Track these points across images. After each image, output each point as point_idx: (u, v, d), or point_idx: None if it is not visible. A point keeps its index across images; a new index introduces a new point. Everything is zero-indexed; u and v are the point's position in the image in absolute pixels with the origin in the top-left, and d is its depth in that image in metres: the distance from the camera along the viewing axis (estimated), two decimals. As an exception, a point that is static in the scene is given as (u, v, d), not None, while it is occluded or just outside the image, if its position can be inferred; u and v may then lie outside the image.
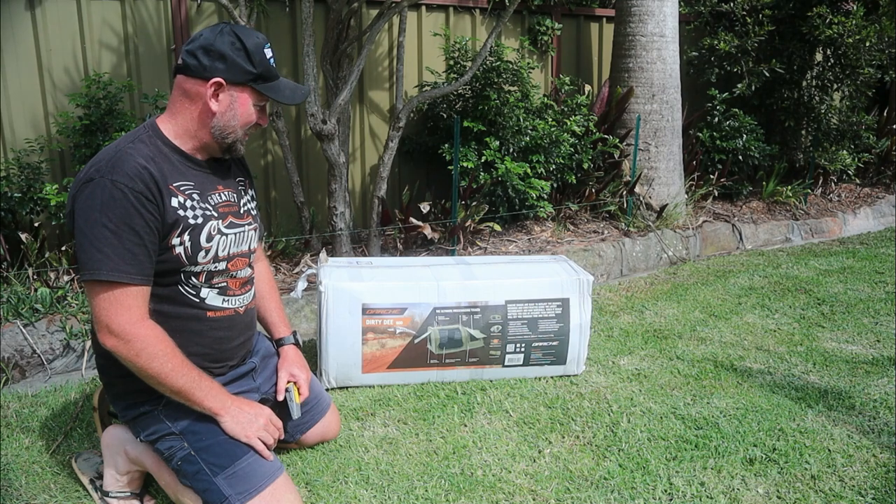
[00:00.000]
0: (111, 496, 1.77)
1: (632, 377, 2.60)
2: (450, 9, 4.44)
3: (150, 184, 1.51)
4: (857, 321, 3.21)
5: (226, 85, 1.58)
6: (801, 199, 5.31)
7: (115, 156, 1.52)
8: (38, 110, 3.36)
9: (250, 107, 1.63)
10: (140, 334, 1.49)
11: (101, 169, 1.49)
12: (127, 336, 1.48)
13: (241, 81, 1.59)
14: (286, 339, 1.97)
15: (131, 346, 1.49)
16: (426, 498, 1.83)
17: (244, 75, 1.59)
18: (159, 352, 1.51)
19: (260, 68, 1.60)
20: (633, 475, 1.93)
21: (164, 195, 1.54)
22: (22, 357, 2.57)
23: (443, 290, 2.44)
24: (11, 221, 3.06)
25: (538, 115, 4.20)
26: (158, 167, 1.55)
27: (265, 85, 1.63)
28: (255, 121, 1.67)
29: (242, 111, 1.62)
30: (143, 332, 1.50)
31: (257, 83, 1.61)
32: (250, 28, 1.67)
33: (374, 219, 3.73)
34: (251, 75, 1.59)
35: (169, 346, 1.53)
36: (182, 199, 1.58)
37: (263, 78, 1.62)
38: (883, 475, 1.94)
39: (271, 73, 1.63)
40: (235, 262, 1.71)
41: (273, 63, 1.65)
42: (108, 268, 1.46)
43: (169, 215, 1.54)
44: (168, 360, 1.52)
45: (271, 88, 1.63)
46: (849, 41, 4.99)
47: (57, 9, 3.34)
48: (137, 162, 1.51)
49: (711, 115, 5.07)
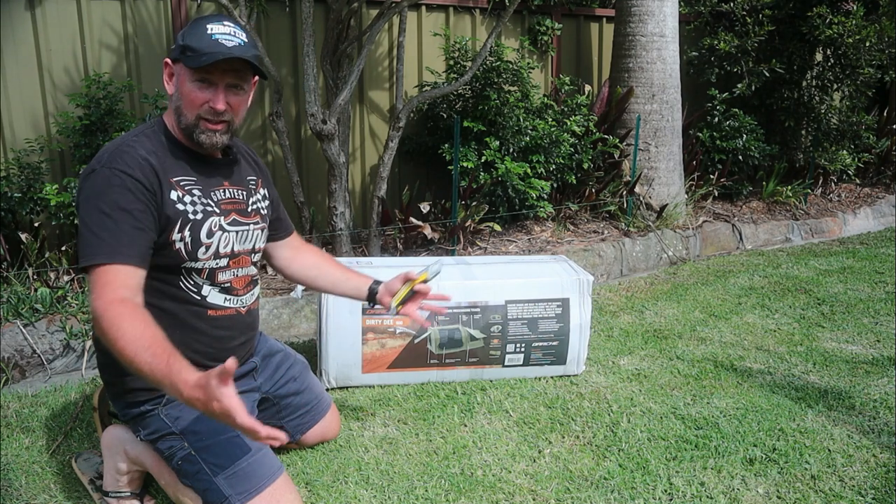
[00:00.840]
0: (111, 496, 1.77)
1: (632, 377, 2.60)
2: (450, 9, 4.44)
3: (149, 174, 1.51)
4: (857, 321, 3.21)
5: (171, 64, 1.58)
6: (801, 199, 5.32)
7: (118, 148, 1.53)
8: (38, 110, 3.37)
9: (187, 83, 1.53)
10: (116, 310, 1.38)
11: (103, 160, 1.51)
12: (104, 311, 1.39)
13: (175, 56, 1.55)
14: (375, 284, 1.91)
15: (103, 320, 1.38)
16: (426, 498, 1.83)
17: (176, 50, 1.54)
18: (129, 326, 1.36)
19: (188, 39, 1.51)
20: (633, 475, 1.93)
21: (164, 187, 1.54)
22: (22, 357, 2.57)
23: (443, 290, 2.43)
24: (11, 221, 3.06)
25: (538, 115, 4.20)
26: (160, 160, 1.55)
27: (191, 56, 1.50)
28: (203, 102, 1.54)
29: (183, 89, 1.54)
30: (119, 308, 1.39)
31: (184, 54, 1.51)
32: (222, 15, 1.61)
33: (374, 219, 3.73)
34: (179, 48, 1.53)
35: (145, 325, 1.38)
36: (181, 194, 1.57)
37: (191, 48, 1.50)
38: (883, 475, 1.94)
39: (202, 43, 1.50)
40: (239, 259, 1.70)
41: (215, 38, 1.51)
42: (104, 252, 1.43)
43: (167, 208, 1.54)
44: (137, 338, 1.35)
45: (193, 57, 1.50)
46: (849, 41, 4.99)
47: (57, 9, 3.34)
48: (139, 153, 1.52)
49: (711, 115, 5.08)
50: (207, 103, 1.54)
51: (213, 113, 1.55)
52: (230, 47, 1.52)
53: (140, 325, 1.37)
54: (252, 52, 1.56)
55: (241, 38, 1.55)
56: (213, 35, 1.51)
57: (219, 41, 1.51)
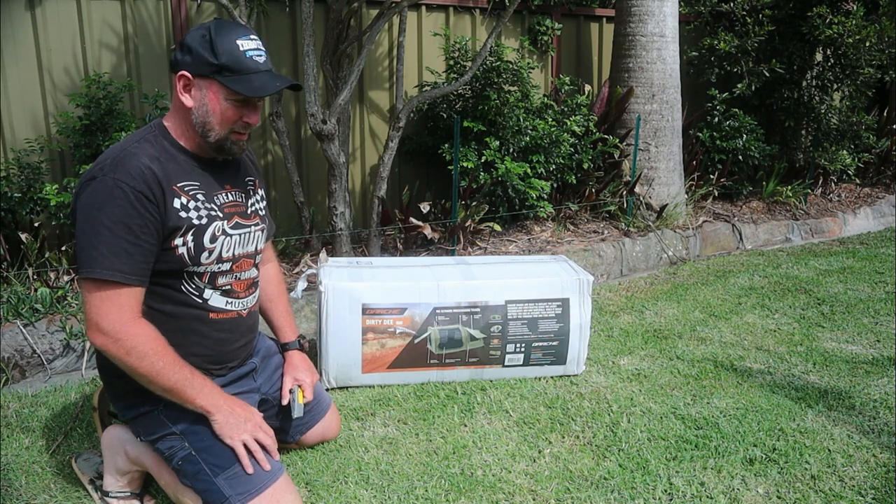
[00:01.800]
0: (111, 496, 1.77)
1: (632, 377, 2.60)
2: (450, 9, 4.44)
3: (152, 184, 1.50)
4: (857, 321, 3.21)
5: (192, 78, 1.55)
6: (801, 199, 5.32)
7: (120, 155, 1.52)
8: (38, 110, 3.36)
9: (222, 101, 1.55)
10: (130, 332, 1.48)
11: (105, 167, 1.49)
12: (117, 334, 1.47)
13: (205, 73, 1.53)
14: (291, 345, 1.97)
15: (121, 344, 1.47)
16: (426, 498, 1.83)
17: (206, 67, 1.53)
18: (150, 350, 1.49)
19: (224, 59, 1.51)
20: (633, 475, 1.93)
21: (167, 196, 1.53)
22: (22, 357, 2.57)
23: (443, 290, 2.44)
24: (11, 221, 3.06)
25: (538, 115, 4.20)
26: (163, 167, 1.55)
27: (231, 77, 1.53)
28: (237, 118, 1.58)
29: (214, 106, 1.55)
30: (133, 330, 1.49)
31: (222, 75, 1.52)
32: (239, 24, 1.61)
33: (374, 219, 3.73)
34: (213, 67, 1.52)
35: (160, 344, 1.52)
36: (185, 200, 1.57)
37: (228, 69, 1.52)
38: (883, 475, 1.94)
39: (240, 64, 1.53)
40: (241, 263, 1.70)
41: (249, 55, 1.55)
42: (102, 266, 1.45)
43: (171, 217, 1.54)
44: (159, 358, 1.50)
45: (237, 80, 1.53)
46: (849, 41, 4.99)
47: (57, 9, 3.34)
48: (141, 162, 1.51)
49: (711, 115, 5.07)
50: (242, 119, 1.58)
51: (247, 127, 1.61)
52: (268, 69, 1.57)
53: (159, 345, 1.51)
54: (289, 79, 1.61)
55: (264, 51, 1.59)
56: (247, 52, 1.54)
57: (254, 59, 1.55)
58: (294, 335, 1.99)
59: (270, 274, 1.98)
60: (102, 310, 1.47)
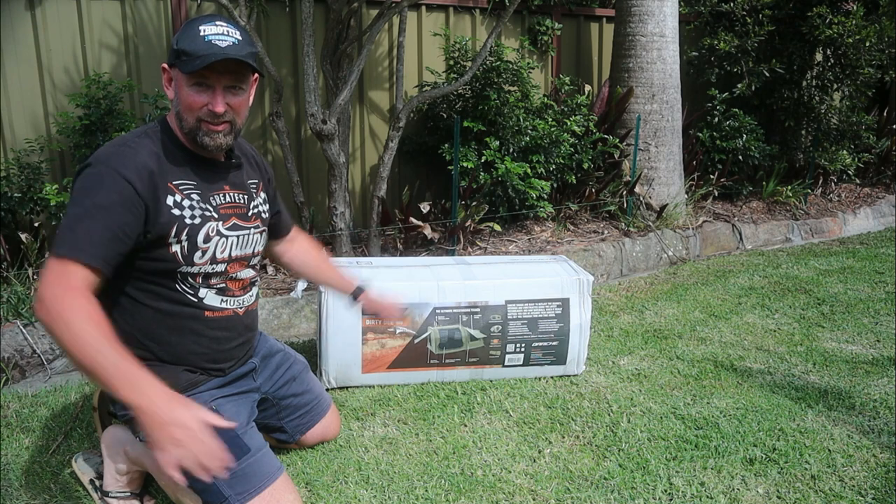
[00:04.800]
0: (111, 496, 1.77)
1: (632, 377, 2.60)
2: (450, 9, 4.44)
3: (145, 179, 1.49)
4: (857, 321, 3.21)
5: (168, 69, 1.57)
6: (801, 199, 5.32)
7: (119, 148, 1.51)
8: (38, 110, 3.37)
9: (184, 87, 1.52)
10: (66, 302, 1.34)
11: (100, 157, 1.49)
12: (53, 300, 1.34)
13: (171, 61, 1.54)
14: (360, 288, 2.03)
15: (53, 311, 1.33)
16: (426, 498, 1.83)
17: (171, 56, 1.53)
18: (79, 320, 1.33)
19: (182, 44, 1.49)
20: (633, 475, 1.93)
21: (160, 192, 1.52)
22: (22, 357, 2.57)
23: (443, 290, 2.44)
24: (11, 221, 3.06)
25: (538, 115, 4.20)
26: (160, 163, 1.54)
27: (185, 60, 1.49)
28: (201, 105, 1.52)
29: (181, 93, 1.54)
30: (70, 302, 1.35)
31: (179, 59, 1.50)
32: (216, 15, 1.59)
33: (374, 219, 3.73)
34: (174, 53, 1.52)
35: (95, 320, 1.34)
36: (179, 198, 1.56)
37: (185, 53, 1.49)
38: (883, 475, 1.93)
39: (196, 47, 1.48)
40: (236, 264, 1.70)
41: (208, 39, 1.49)
42: (71, 245, 1.39)
43: (162, 213, 1.52)
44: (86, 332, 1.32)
45: (188, 62, 1.48)
46: (849, 41, 4.99)
47: (57, 9, 3.34)
48: (138, 156, 1.51)
49: (711, 115, 5.07)
50: (206, 106, 1.53)
51: (213, 115, 1.53)
52: (224, 48, 1.49)
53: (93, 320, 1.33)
54: (247, 50, 1.53)
55: (234, 37, 1.52)
56: (206, 37, 1.49)
57: (212, 42, 1.49)
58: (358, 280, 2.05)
59: (306, 245, 2.05)
60: (52, 281, 1.37)
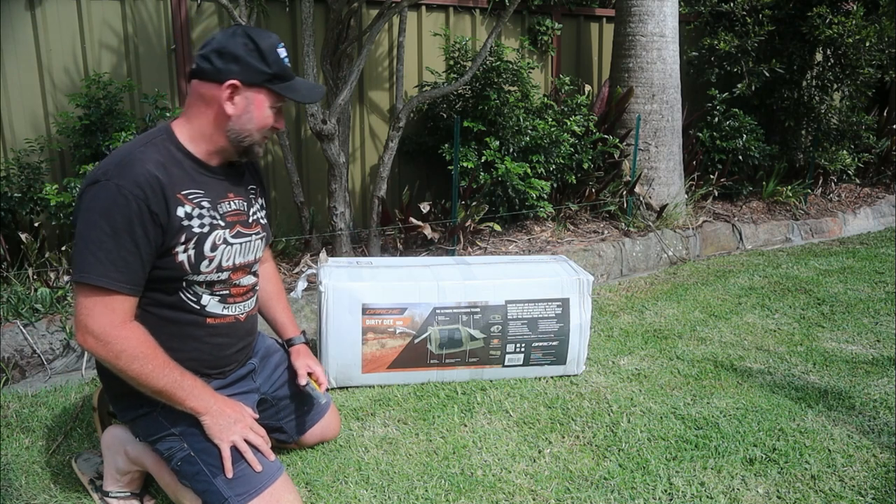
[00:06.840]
0: (111, 496, 1.77)
1: (632, 377, 2.60)
2: (450, 9, 4.44)
3: (156, 192, 1.49)
4: (857, 321, 3.21)
5: (241, 87, 1.56)
6: (801, 199, 5.32)
7: (125, 159, 1.50)
8: (38, 110, 3.37)
9: (266, 108, 1.61)
10: (120, 335, 1.47)
11: (109, 172, 1.47)
12: (106, 337, 1.46)
13: (257, 82, 1.57)
14: (296, 339, 1.98)
15: (110, 347, 1.46)
16: (426, 498, 1.83)
17: (259, 76, 1.57)
18: (139, 353, 1.48)
19: (275, 68, 1.57)
20: (633, 475, 1.93)
21: (171, 204, 1.52)
22: (22, 357, 2.57)
23: (443, 290, 2.44)
24: (11, 221, 3.06)
25: (538, 115, 4.20)
26: (168, 173, 1.53)
27: (281, 85, 1.60)
28: (272, 124, 1.64)
29: (258, 113, 1.60)
30: (123, 333, 1.47)
31: (273, 83, 1.59)
32: (263, 29, 1.65)
33: (374, 219, 3.73)
34: (266, 76, 1.57)
35: (149, 346, 1.51)
36: (189, 209, 1.56)
37: (279, 78, 1.59)
38: (883, 475, 1.94)
39: (286, 72, 1.60)
40: (240, 271, 1.70)
41: (287, 63, 1.62)
42: (97, 272, 1.44)
43: (173, 225, 1.53)
44: (148, 360, 1.49)
45: (287, 88, 1.61)
46: (849, 41, 4.99)
47: (57, 9, 3.34)
48: (146, 168, 1.49)
49: (711, 115, 5.07)
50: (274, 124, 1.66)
51: (274, 132, 1.69)
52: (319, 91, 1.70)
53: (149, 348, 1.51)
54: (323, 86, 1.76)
55: None
56: (285, 60, 1.62)
57: (289, 65, 1.63)
58: (297, 330, 2.00)
59: (269, 272, 1.99)
60: (94, 313, 1.46)
